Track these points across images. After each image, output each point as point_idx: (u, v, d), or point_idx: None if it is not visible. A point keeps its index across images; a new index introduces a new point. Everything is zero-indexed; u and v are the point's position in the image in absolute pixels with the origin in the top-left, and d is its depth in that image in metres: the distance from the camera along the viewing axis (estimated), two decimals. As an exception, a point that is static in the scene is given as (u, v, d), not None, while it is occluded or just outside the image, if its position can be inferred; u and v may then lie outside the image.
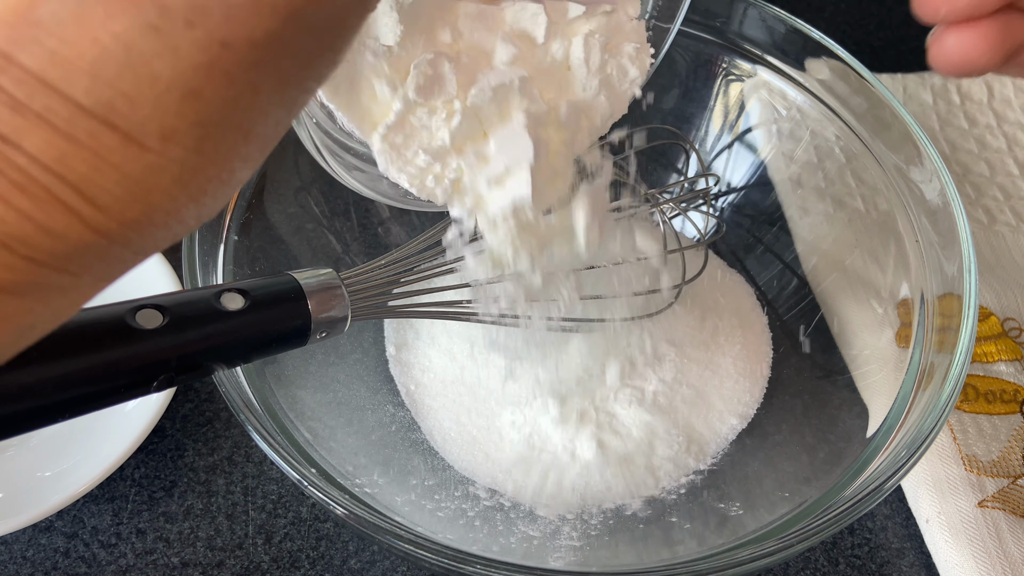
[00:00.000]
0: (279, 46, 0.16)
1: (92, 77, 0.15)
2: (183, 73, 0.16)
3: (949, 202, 0.42)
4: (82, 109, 0.16)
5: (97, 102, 0.16)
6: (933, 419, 0.36)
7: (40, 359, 0.23)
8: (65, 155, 0.16)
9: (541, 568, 0.36)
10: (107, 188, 0.16)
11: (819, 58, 0.48)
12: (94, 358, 0.27)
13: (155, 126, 0.16)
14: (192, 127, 0.17)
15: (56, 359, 0.25)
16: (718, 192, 0.54)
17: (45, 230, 0.16)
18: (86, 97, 0.16)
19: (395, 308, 0.42)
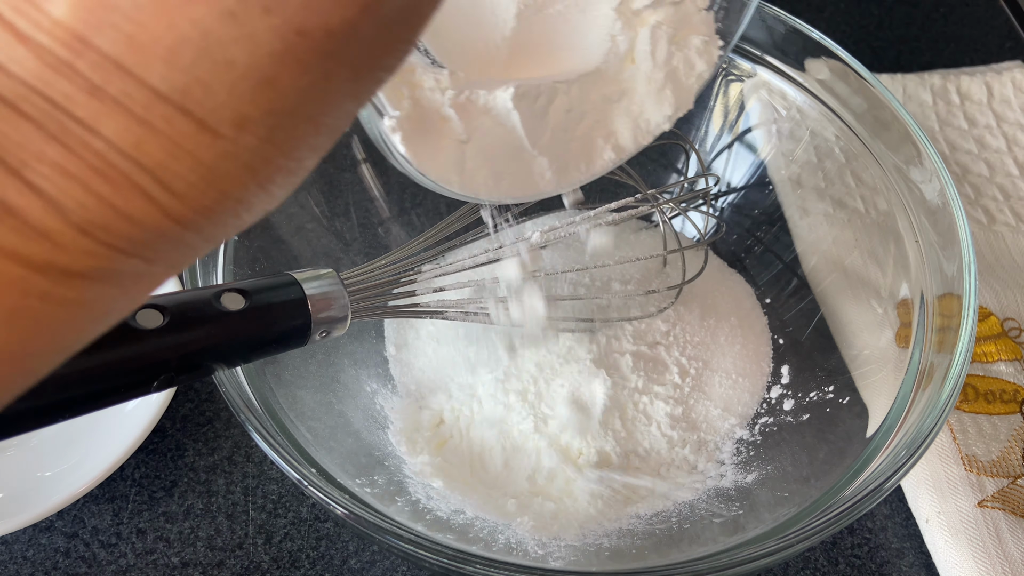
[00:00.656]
0: (354, 36, 0.16)
1: (168, 63, 0.15)
2: (259, 60, 0.16)
3: (949, 202, 0.42)
4: (158, 95, 0.16)
5: (173, 88, 0.16)
6: (933, 419, 0.36)
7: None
8: (142, 141, 0.16)
9: (541, 568, 0.36)
10: (182, 175, 0.17)
11: (819, 58, 0.48)
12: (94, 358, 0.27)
13: (229, 113, 0.16)
14: (265, 115, 0.17)
15: (56, 359, 0.25)
16: (718, 192, 0.54)
17: (124, 216, 0.16)
18: (162, 83, 0.16)
19: (395, 308, 0.42)
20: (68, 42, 0.15)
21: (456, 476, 0.44)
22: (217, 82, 0.16)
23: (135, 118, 0.16)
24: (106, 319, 0.18)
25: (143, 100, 0.16)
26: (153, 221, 0.17)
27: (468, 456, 0.46)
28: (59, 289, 0.16)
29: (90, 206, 0.16)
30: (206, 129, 0.16)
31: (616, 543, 0.41)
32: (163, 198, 0.17)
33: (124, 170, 0.16)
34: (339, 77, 0.17)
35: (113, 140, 0.16)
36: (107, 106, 0.16)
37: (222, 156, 0.17)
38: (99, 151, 0.16)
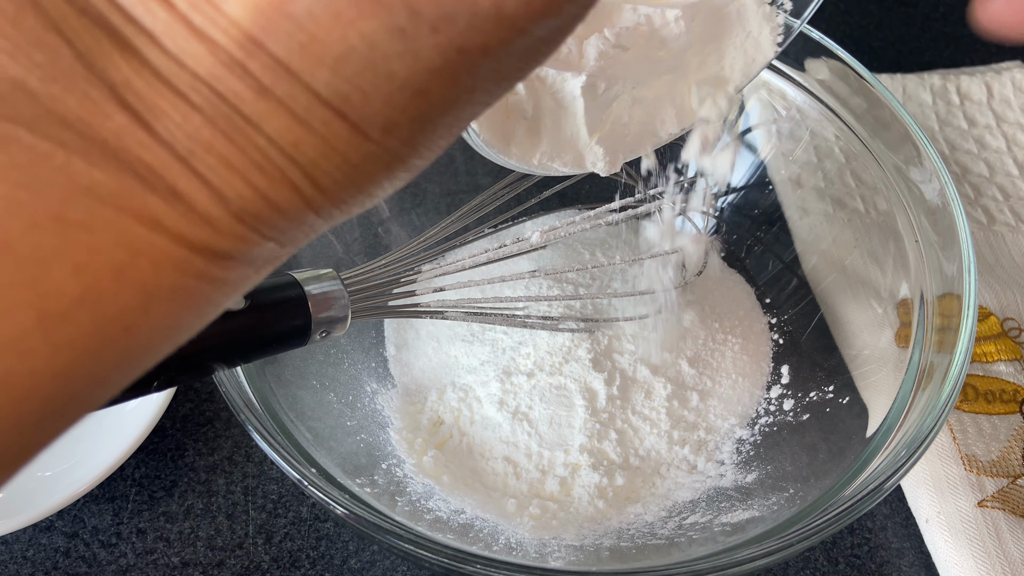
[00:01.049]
0: (505, 54, 0.17)
1: (334, 71, 0.16)
2: (417, 74, 0.17)
3: (948, 202, 0.42)
4: (320, 99, 0.17)
5: (335, 94, 0.17)
6: (933, 419, 0.36)
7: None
8: (300, 140, 0.17)
9: (541, 568, 0.36)
10: (329, 172, 0.18)
11: (819, 58, 0.48)
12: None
13: (381, 120, 0.17)
14: (412, 122, 0.18)
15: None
16: (718, 192, 0.54)
17: (273, 206, 0.18)
18: (325, 89, 0.17)
19: (395, 308, 0.42)
20: (243, 43, 0.16)
21: (456, 476, 0.44)
22: (376, 91, 0.17)
23: (297, 119, 0.17)
24: (238, 294, 0.19)
25: (306, 103, 0.17)
26: (297, 211, 0.18)
27: (468, 456, 0.46)
28: (211, 268, 0.18)
29: (247, 196, 0.17)
30: (358, 133, 0.17)
31: (616, 543, 0.41)
32: (309, 191, 0.18)
33: (280, 165, 0.17)
34: (482, 88, 0.18)
35: (274, 137, 0.17)
36: (272, 106, 0.17)
37: (367, 157, 0.18)
38: (260, 146, 0.17)
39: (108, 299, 0.16)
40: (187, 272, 0.17)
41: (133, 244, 0.16)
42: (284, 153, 0.17)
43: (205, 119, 0.17)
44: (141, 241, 0.16)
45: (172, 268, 0.17)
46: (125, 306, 0.17)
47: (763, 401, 0.48)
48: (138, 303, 0.17)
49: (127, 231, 0.16)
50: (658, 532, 0.42)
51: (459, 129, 0.19)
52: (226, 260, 0.18)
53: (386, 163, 0.18)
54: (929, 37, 0.74)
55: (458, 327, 0.49)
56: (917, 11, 0.76)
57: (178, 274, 0.17)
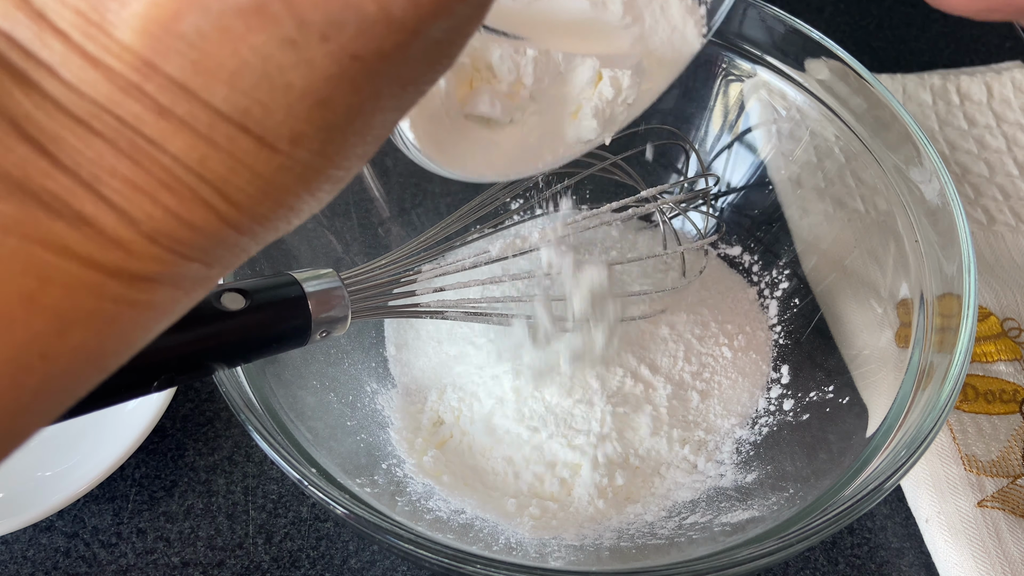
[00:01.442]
0: (403, 57, 0.18)
1: (231, 86, 0.17)
2: (315, 83, 0.17)
3: (948, 202, 0.42)
4: (221, 115, 0.17)
5: (235, 109, 0.17)
6: (933, 419, 0.36)
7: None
8: (206, 157, 0.17)
9: (541, 568, 0.36)
10: (241, 187, 0.18)
11: (819, 58, 0.48)
12: (95, 358, 0.27)
13: (286, 131, 0.17)
14: (319, 131, 0.18)
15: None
16: (718, 192, 0.54)
17: (187, 225, 0.18)
18: (224, 104, 0.17)
19: (395, 308, 0.42)
20: (137, 66, 0.16)
21: (456, 476, 0.44)
22: (276, 103, 0.17)
23: (200, 136, 0.17)
24: (169, 317, 0.19)
25: (207, 120, 0.17)
26: (214, 229, 0.18)
27: (468, 456, 0.46)
28: (130, 292, 0.18)
29: (157, 217, 0.17)
30: (265, 146, 0.17)
31: (616, 543, 0.41)
32: (223, 208, 0.18)
33: (189, 183, 0.17)
34: (387, 93, 0.18)
35: (179, 156, 0.17)
36: (174, 125, 0.17)
37: (278, 169, 0.18)
38: (166, 166, 0.17)
39: (19, 327, 0.16)
40: (103, 296, 0.17)
41: (41, 271, 0.16)
42: (191, 171, 0.17)
43: (107, 143, 0.17)
44: (49, 268, 0.17)
45: (86, 293, 0.17)
46: (38, 332, 0.17)
47: (763, 401, 0.48)
48: (52, 329, 0.17)
49: (33, 258, 0.16)
50: (658, 532, 0.42)
51: (375, 137, 0.19)
52: (145, 283, 0.18)
53: (300, 175, 0.18)
54: (929, 37, 0.74)
55: (458, 327, 0.49)
56: (917, 11, 0.76)
57: (93, 298, 0.17)
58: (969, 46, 0.73)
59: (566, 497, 0.44)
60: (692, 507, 0.43)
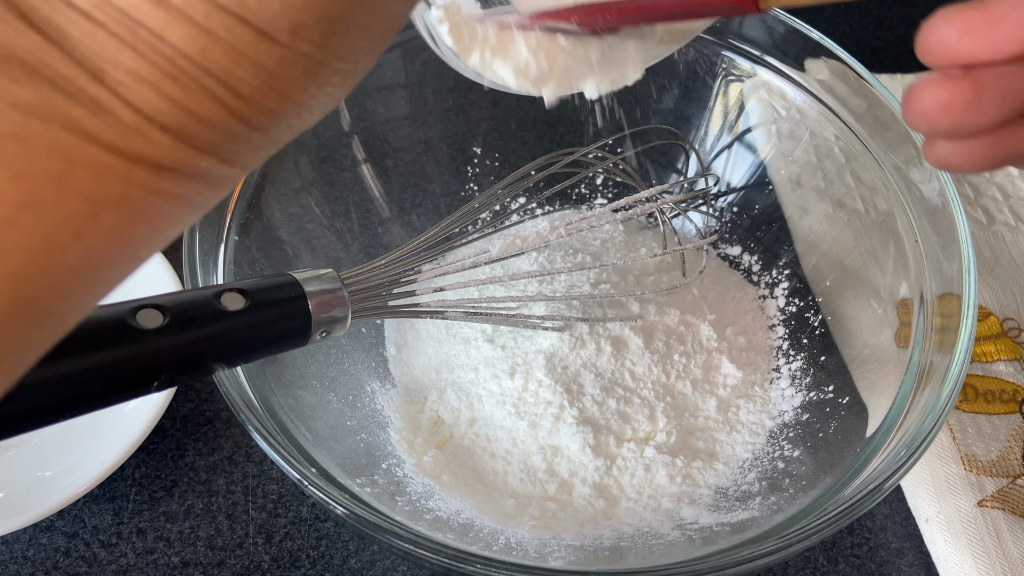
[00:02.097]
0: None
1: None
2: None
3: (948, 202, 0.42)
4: (217, 5, 0.17)
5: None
6: (932, 419, 0.36)
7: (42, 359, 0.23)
8: (206, 48, 0.17)
9: (541, 568, 0.36)
10: (245, 79, 0.18)
11: (818, 58, 0.48)
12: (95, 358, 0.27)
13: (284, 22, 0.17)
14: (318, 22, 0.18)
15: (57, 359, 0.25)
16: (718, 192, 0.54)
17: (196, 117, 0.18)
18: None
19: (395, 308, 0.42)
20: None
21: (456, 476, 0.44)
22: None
23: (198, 27, 0.17)
24: (197, 210, 0.20)
25: (204, 10, 0.17)
26: (223, 122, 0.18)
27: (468, 456, 0.46)
28: (155, 180, 0.18)
29: (164, 109, 0.17)
30: (264, 37, 0.17)
31: (616, 543, 0.41)
32: (230, 100, 0.18)
33: (192, 75, 0.17)
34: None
35: (180, 47, 0.17)
36: (172, 15, 0.17)
37: (281, 61, 0.18)
38: (169, 57, 0.17)
39: (52, 205, 0.17)
40: (130, 182, 0.17)
41: (67, 153, 0.17)
42: (193, 62, 0.17)
43: (110, 34, 0.17)
44: (75, 150, 0.17)
45: (113, 177, 0.17)
46: (71, 212, 0.17)
47: (763, 401, 0.48)
48: (84, 209, 0.17)
49: (59, 141, 0.17)
50: (658, 532, 0.42)
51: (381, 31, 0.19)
52: (168, 172, 0.18)
53: (305, 68, 0.18)
54: (929, 37, 0.74)
55: (458, 327, 0.49)
56: (917, 11, 0.76)
57: (121, 183, 0.17)
58: (969, 46, 0.73)
59: (566, 497, 0.44)
60: (692, 507, 0.43)
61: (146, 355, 0.28)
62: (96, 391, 0.27)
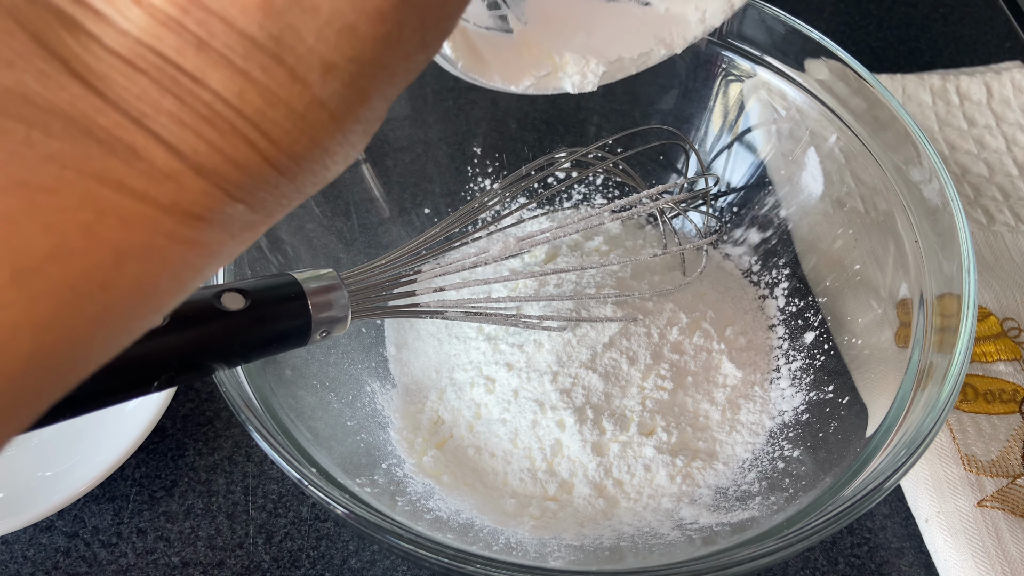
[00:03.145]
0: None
1: (264, 11, 0.18)
2: (340, 8, 0.18)
3: (948, 202, 0.42)
4: (256, 43, 0.18)
5: (268, 36, 0.18)
6: (932, 419, 0.36)
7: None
8: (243, 91, 0.18)
9: (541, 568, 0.36)
10: (278, 122, 0.19)
11: (818, 58, 0.48)
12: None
13: (316, 61, 0.18)
14: (348, 62, 0.19)
15: (57, 359, 0.25)
16: (718, 192, 0.54)
17: (230, 161, 0.19)
18: (259, 31, 0.18)
19: (395, 308, 0.42)
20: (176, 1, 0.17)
21: (456, 476, 0.44)
22: (305, 27, 0.18)
23: (236, 69, 0.18)
24: (218, 260, 0.20)
25: (243, 51, 0.18)
26: (255, 166, 0.19)
27: (468, 455, 0.46)
28: (182, 229, 0.18)
29: (202, 151, 0.18)
30: (297, 78, 0.18)
31: (616, 543, 0.41)
32: (262, 144, 0.19)
33: (229, 118, 0.18)
34: (410, 27, 0.19)
35: (219, 91, 0.18)
36: (212, 58, 0.18)
37: (311, 104, 0.19)
38: (207, 101, 0.18)
39: (79, 255, 0.17)
40: (157, 231, 0.18)
41: (98, 204, 0.17)
42: (230, 105, 0.18)
43: (151, 80, 0.18)
44: (106, 201, 0.17)
45: (141, 227, 0.18)
46: (97, 262, 0.17)
47: (763, 401, 0.48)
48: (110, 260, 0.17)
49: (91, 192, 0.17)
50: (658, 532, 0.42)
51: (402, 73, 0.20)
52: (196, 220, 0.19)
53: (332, 113, 0.19)
54: (929, 37, 0.74)
55: (458, 327, 0.49)
56: (917, 11, 0.76)
57: (148, 232, 0.18)
58: (969, 46, 0.74)
59: (566, 497, 0.44)
60: (692, 507, 0.43)
61: (146, 355, 0.28)
62: (96, 391, 0.27)
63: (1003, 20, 0.76)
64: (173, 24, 0.17)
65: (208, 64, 0.18)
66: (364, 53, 0.19)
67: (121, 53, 0.18)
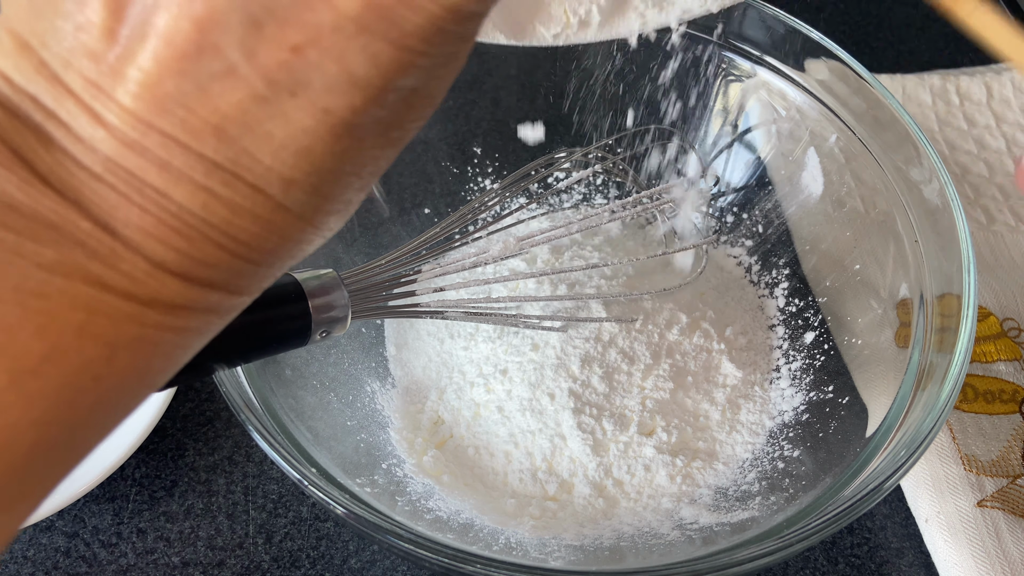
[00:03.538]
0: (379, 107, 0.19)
1: (218, 138, 0.18)
2: (293, 134, 0.19)
3: (948, 202, 0.42)
4: (215, 164, 0.18)
5: (225, 158, 0.18)
6: (932, 419, 0.36)
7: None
8: (207, 203, 0.19)
9: (541, 568, 0.36)
10: (245, 227, 0.19)
11: (818, 58, 0.48)
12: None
13: (275, 177, 0.19)
14: (308, 176, 0.19)
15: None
16: (718, 192, 0.54)
17: (202, 263, 0.19)
18: (216, 154, 0.18)
19: (395, 308, 0.42)
20: (134, 125, 0.18)
21: (456, 476, 0.44)
22: (260, 152, 0.19)
23: (198, 185, 0.19)
24: (206, 336, 0.21)
25: (203, 169, 0.18)
26: (227, 264, 0.20)
27: (468, 455, 0.46)
28: (168, 319, 0.19)
29: (171, 258, 0.19)
30: (258, 191, 0.19)
31: (616, 543, 0.41)
32: (232, 246, 0.20)
33: (196, 226, 0.19)
34: (370, 137, 0.20)
35: (184, 204, 0.19)
36: (174, 176, 0.18)
37: (276, 209, 0.19)
38: (174, 213, 0.19)
39: (73, 354, 0.18)
40: (144, 323, 0.19)
41: (87, 304, 0.18)
42: (197, 216, 0.19)
43: (119, 195, 0.19)
44: (94, 300, 0.18)
45: (128, 321, 0.19)
46: (90, 358, 0.18)
47: (763, 401, 0.48)
48: (103, 354, 0.19)
49: (79, 294, 0.18)
50: (658, 532, 0.42)
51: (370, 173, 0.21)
52: (180, 310, 0.20)
53: (300, 215, 0.20)
54: (929, 37, 0.74)
55: (458, 327, 0.49)
56: (917, 11, 0.76)
57: (136, 326, 0.19)
58: (969, 46, 0.73)
59: (566, 497, 0.44)
60: (692, 507, 0.43)
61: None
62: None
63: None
64: (135, 145, 0.18)
65: (171, 181, 0.18)
66: (324, 166, 0.19)
67: (91, 168, 0.18)
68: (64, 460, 0.19)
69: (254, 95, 0.18)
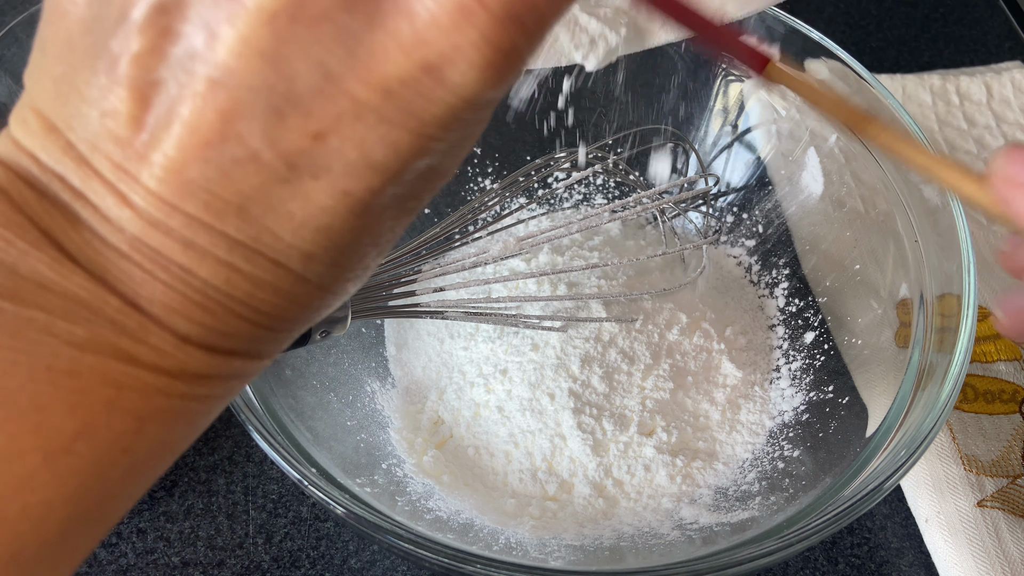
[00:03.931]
0: (396, 186, 0.19)
1: (240, 218, 0.19)
2: (313, 213, 0.19)
3: (948, 202, 0.42)
4: (237, 242, 0.19)
5: (248, 236, 0.19)
6: (932, 419, 0.36)
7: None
8: (230, 279, 0.20)
9: (541, 568, 0.36)
10: (267, 299, 0.20)
11: (819, 58, 0.48)
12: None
13: (296, 253, 0.20)
14: (327, 251, 0.20)
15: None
16: (718, 192, 0.54)
17: (225, 334, 0.20)
18: (238, 233, 0.19)
19: (395, 308, 0.42)
20: (159, 206, 0.19)
21: (456, 476, 0.44)
22: (281, 230, 0.19)
23: (221, 262, 0.19)
24: (228, 399, 0.22)
25: (225, 247, 0.19)
26: (249, 333, 0.21)
27: (468, 455, 0.46)
28: (193, 388, 0.20)
29: (195, 332, 0.20)
30: (279, 265, 0.20)
31: (616, 543, 0.41)
32: (255, 317, 0.20)
33: (221, 302, 0.20)
34: (388, 214, 0.20)
35: (207, 280, 0.19)
36: (198, 254, 0.19)
37: (297, 282, 0.20)
38: (199, 288, 0.20)
39: (103, 429, 0.19)
40: (171, 394, 0.20)
41: (117, 380, 0.19)
42: (220, 291, 0.20)
43: (145, 272, 0.19)
44: (123, 376, 0.19)
45: (156, 394, 0.20)
46: (120, 432, 0.19)
47: (763, 401, 0.48)
48: (132, 427, 0.19)
49: (109, 371, 0.19)
50: (658, 532, 0.42)
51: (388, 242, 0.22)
52: (205, 379, 0.20)
53: (319, 286, 0.21)
54: (929, 37, 0.74)
55: (458, 327, 0.49)
56: (917, 11, 0.76)
57: (163, 397, 0.20)
58: (969, 46, 0.74)
59: (566, 497, 0.44)
60: (692, 507, 0.43)
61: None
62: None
63: (1003, 20, 0.76)
64: (160, 225, 0.19)
65: (195, 258, 0.19)
66: (343, 241, 0.20)
67: (118, 247, 0.19)
68: (94, 531, 0.20)
69: (276, 178, 0.19)
